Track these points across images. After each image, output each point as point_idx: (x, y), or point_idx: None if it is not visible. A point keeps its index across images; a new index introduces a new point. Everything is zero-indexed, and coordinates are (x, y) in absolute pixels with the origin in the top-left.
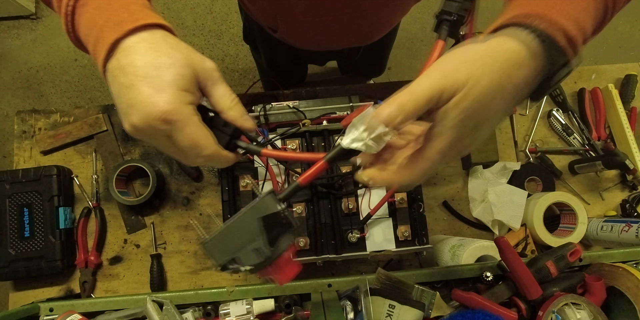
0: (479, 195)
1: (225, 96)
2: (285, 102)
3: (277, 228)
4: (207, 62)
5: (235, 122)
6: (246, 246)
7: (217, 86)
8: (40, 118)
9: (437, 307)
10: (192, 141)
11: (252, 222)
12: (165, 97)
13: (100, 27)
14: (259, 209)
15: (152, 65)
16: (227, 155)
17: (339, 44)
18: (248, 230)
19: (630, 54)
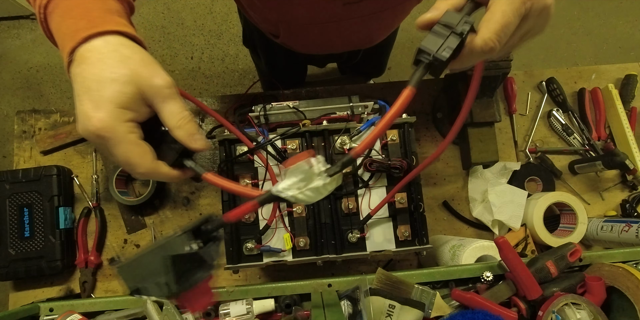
0: (479, 195)
1: (173, 114)
2: (285, 102)
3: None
4: (156, 79)
5: (182, 142)
6: (153, 279)
7: (165, 104)
8: (40, 118)
9: (437, 307)
10: (125, 159)
11: (160, 259)
12: (100, 115)
13: (63, 35)
14: (166, 248)
15: (95, 79)
16: (168, 173)
17: (340, 48)
18: (156, 265)
19: (630, 54)
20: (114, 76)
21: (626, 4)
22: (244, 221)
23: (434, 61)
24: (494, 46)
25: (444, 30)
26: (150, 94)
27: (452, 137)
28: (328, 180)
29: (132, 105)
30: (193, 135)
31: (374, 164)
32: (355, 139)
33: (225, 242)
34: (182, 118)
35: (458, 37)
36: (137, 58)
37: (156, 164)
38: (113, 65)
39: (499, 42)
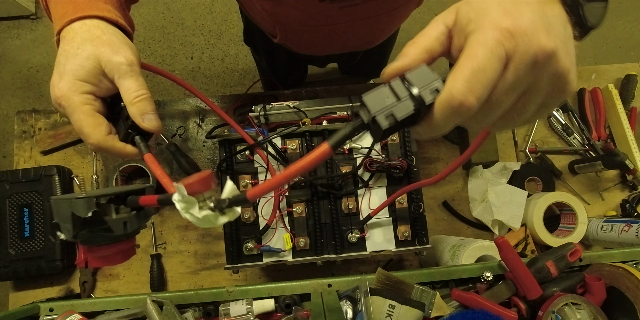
0: (479, 195)
1: (128, 91)
2: (285, 102)
3: (91, 225)
4: (117, 56)
5: (133, 118)
6: (63, 222)
7: (123, 80)
8: (40, 118)
9: (437, 307)
10: (78, 128)
11: (68, 209)
12: (61, 85)
13: (54, 19)
14: (73, 204)
15: (64, 54)
16: (122, 148)
17: (339, 49)
18: (66, 213)
19: (630, 54)
20: (77, 52)
21: (626, 4)
22: (243, 221)
23: (370, 124)
24: (464, 99)
25: (402, 89)
26: (110, 69)
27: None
28: (211, 214)
29: (90, 79)
30: (145, 114)
31: (374, 164)
32: (355, 139)
33: (225, 242)
34: (138, 95)
35: (414, 104)
36: (105, 38)
37: (109, 137)
38: (80, 42)
39: (472, 92)
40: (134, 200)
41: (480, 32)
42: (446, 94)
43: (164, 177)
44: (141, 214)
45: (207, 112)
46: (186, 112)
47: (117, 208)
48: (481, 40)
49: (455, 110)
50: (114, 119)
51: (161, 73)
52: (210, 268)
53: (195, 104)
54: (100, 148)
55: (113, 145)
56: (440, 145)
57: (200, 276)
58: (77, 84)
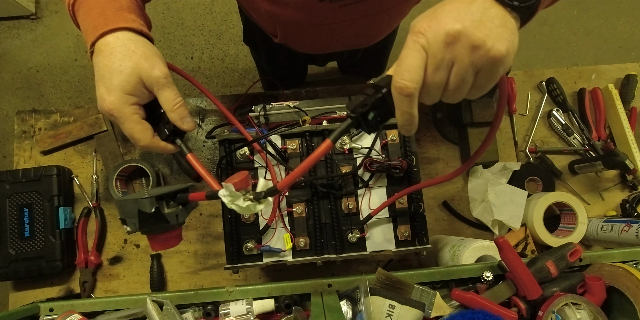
0: (479, 195)
1: (168, 100)
2: (285, 102)
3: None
4: (154, 70)
5: (174, 123)
6: (129, 217)
7: (162, 91)
8: (40, 118)
9: (437, 307)
10: (130, 134)
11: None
12: (111, 98)
13: (85, 31)
14: (138, 203)
15: (107, 69)
16: (165, 146)
17: (339, 47)
18: (131, 210)
19: (630, 54)
20: (120, 69)
21: (626, 4)
22: (244, 221)
23: (359, 117)
24: (401, 85)
25: (371, 90)
26: (150, 82)
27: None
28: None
29: (135, 92)
30: (183, 118)
31: (374, 164)
32: (355, 139)
33: (225, 242)
34: (176, 104)
35: (378, 92)
36: (139, 52)
37: (155, 139)
38: (120, 59)
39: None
40: (184, 197)
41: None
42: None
43: (208, 175)
44: (187, 207)
45: (207, 112)
46: None
47: (168, 203)
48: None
49: (401, 94)
50: (154, 122)
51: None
52: (210, 268)
53: (195, 104)
54: (148, 149)
55: (158, 145)
56: (440, 145)
57: (200, 276)
58: (125, 98)
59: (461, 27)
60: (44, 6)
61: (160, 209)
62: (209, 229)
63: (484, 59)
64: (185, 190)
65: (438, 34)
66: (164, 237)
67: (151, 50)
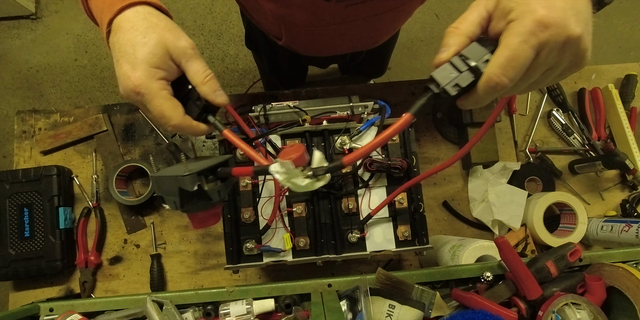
0: (479, 195)
1: (198, 72)
2: (285, 102)
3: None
4: (181, 41)
5: (206, 97)
6: (168, 195)
7: (190, 62)
8: (40, 118)
9: (437, 307)
10: (159, 112)
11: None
12: (137, 73)
13: (101, 10)
14: (179, 181)
15: (130, 44)
16: (197, 125)
17: (343, 49)
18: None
19: (630, 54)
20: (145, 40)
21: (626, 4)
22: (244, 221)
23: (441, 93)
24: (499, 81)
25: (463, 63)
26: (177, 54)
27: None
28: (310, 181)
29: (162, 65)
30: (216, 91)
31: (374, 164)
32: (355, 139)
33: (225, 242)
34: (207, 75)
35: (473, 74)
36: (162, 24)
37: (186, 117)
38: (144, 31)
39: (505, 76)
40: (226, 171)
41: (518, 22)
42: (486, 76)
43: (252, 151)
44: (228, 182)
45: None
46: None
47: (207, 178)
48: (518, 31)
49: (492, 89)
50: (181, 101)
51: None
52: (210, 268)
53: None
54: (180, 128)
55: (190, 124)
56: (440, 145)
57: (200, 276)
58: (152, 72)
59: (580, 33)
60: (44, 6)
61: (202, 185)
62: (209, 229)
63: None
64: (225, 164)
65: (561, 35)
66: (203, 216)
67: (173, 23)
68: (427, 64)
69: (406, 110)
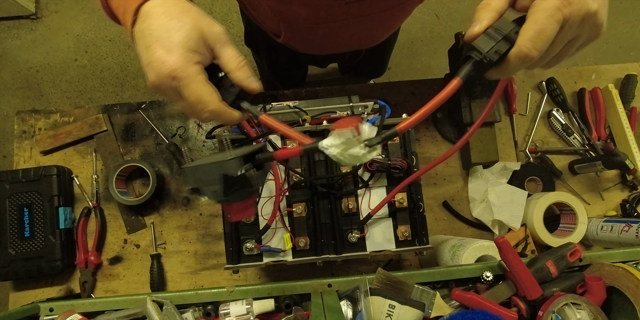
0: (479, 195)
1: (232, 58)
2: (285, 102)
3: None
4: (215, 26)
5: (240, 83)
6: (208, 185)
7: (224, 48)
8: (40, 118)
9: (437, 307)
10: (197, 97)
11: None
12: (174, 57)
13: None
14: (222, 166)
15: (163, 28)
16: (232, 112)
17: (343, 47)
18: (212, 176)
19: (630, 54)
20: (180, 24)
21: (626, 4)
22: (244, 221)
23: (483, 59)
24: (529, 53)
25: (497, 34)
26: (212, 39)
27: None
28: (367, 150)
29: (198, 49)
30: (250, 77)
31: (374, 164)
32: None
33: (225, 242)
34: (240, 61)
35: (508, 43)
36: (194, 10)
37: (223, 103)
38: (177, 16)
39: (535, 48)
40: (267, 156)
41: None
42: (517, 49)
43: (293, 131)
44: (263, 170)
45: None
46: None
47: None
48: (544, 7)
49: (523, 60)
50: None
51: None
52: (210, 268)
53: None
54: (217, 114)
55: (225, 110)
56: (440, 145)
57: (200, 276)
58: (189, 55)
59: (598, 7)
60: (44, 6)
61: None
62: (209, 229)
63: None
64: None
65: (581, 9)
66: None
67: (202, 10)
68: (427, 64)
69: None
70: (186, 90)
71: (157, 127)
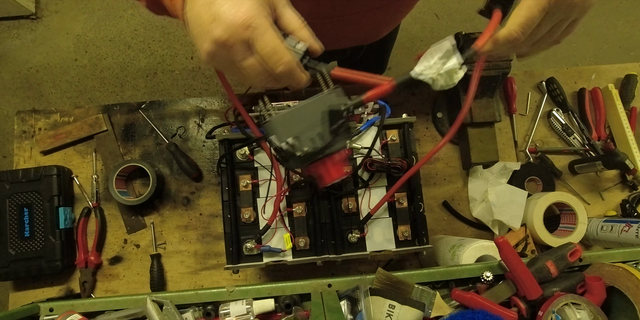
0: (479, 195)
1: (295, 17)
2: (285, 102)
3: (340, 122)
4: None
5: (306, 41)
6: (309, 131)
7: (286, 8)
8: (40, 118)
9: (437, 307)
10: (272, 47)
11: (317, 113)
12: (246, 6)
13: None
14: (323, 101)
15: None
16: (300, 74)
17: (344, 43)
18: (312, 118)
19: (630, 54)
20: None
21: (626, 4)
22: (244, 221)
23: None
24: (517, 36)
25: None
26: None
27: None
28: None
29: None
30: (314, 35)
31: (374, 164)
32: (355, 139)
33: (225, 242)
34: (303, 20)
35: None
36: None
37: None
38: None
39: (523, 33)
40: (357, 102)
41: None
42: (507, 31)
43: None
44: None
45: (207, 112)
46: (186, 112)
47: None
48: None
49: (510, 41)
50: None
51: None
52: (210, 268)
53: (195, 104)
54: (290, 68)
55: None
56: None
57: (200, 276)
58: (261, 7)
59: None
60: (44, 6)
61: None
62: (209, 229)
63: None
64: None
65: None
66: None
67: None
68: None
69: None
70: (260, 41)
71: (157, 127)
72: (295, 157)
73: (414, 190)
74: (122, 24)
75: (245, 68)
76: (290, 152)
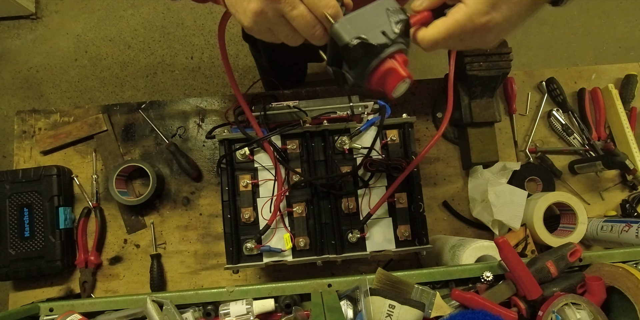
0: (479, 195)
1: None
2: (285, 102)
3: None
4: None
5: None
6: (375, 28)
7: None
8: (40, 118)
9: (437, 307)
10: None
11: (381, 12)
12: None
13: None
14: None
15: None
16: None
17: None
18: (377, 17)
19: (630, 54)
20: None
21: (626, 4)
22: (244, 221)
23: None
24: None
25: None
26: None
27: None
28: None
29: None
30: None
31: (374, 164)
32: (355, 139)
33: (225, 242)
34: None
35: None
36: None
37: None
38: None
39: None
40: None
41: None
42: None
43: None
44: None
45: (207, 112)
46: (186, 112)
47: None
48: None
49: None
50: None
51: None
52: (210, 268)
53: (195, 104)
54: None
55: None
56: (440, 145)
57: (200, 276)
58: None
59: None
60: (44, 6)
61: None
62: (209, 229)
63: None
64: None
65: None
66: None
67: None
68: (427, 64)
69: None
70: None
71: (157, 127)
72: (358, 68)
73: (414, 190)
74: (122, 24)
75: (295, 18)
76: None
